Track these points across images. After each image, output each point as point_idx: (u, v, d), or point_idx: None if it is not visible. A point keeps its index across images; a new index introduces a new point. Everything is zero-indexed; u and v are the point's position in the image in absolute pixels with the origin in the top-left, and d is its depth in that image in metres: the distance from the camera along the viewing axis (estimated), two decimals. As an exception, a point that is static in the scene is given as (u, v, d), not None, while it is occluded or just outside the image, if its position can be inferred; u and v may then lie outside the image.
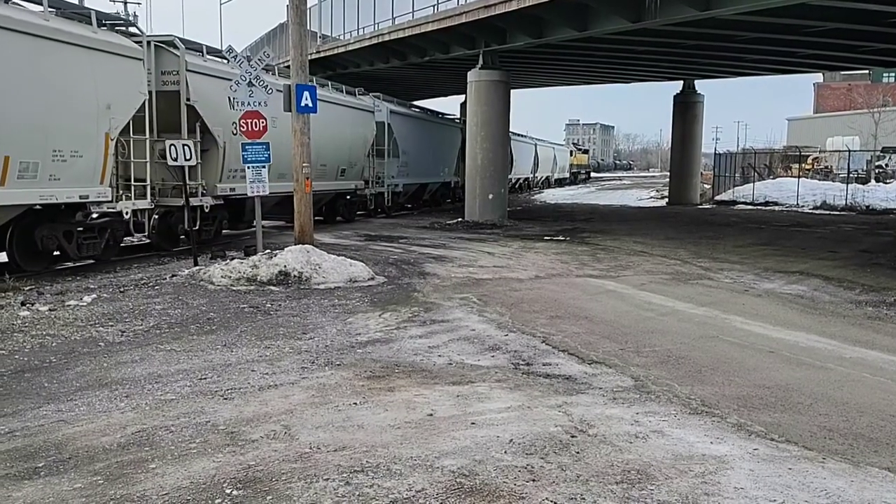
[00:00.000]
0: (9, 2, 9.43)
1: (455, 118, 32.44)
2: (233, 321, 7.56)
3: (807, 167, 36.98)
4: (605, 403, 5.05)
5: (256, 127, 10.85)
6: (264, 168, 10.98)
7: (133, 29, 12.08)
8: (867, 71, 49.92)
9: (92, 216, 11.24)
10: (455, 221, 21.07)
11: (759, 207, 29.47)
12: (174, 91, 12.54)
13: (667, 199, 33.80)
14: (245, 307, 8.28)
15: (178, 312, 7.91)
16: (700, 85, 31.96)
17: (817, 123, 55.16)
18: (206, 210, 13.26)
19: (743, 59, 23.71)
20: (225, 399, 5.01)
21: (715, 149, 48.20)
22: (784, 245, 16.00)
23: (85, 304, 8.14)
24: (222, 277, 9.68)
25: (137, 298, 8.61)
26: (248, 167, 10.93)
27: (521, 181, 44.88)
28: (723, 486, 3.70)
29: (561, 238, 17.06)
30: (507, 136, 22.65)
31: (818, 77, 61.47)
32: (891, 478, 3.90)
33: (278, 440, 4.26)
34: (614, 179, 71.83)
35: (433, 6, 21.26)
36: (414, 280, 10.48)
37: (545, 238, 17.04)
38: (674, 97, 32.23)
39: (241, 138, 11.06)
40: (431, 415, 4.73)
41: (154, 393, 5.13)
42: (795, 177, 32.50)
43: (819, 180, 33.88)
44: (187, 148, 10.98)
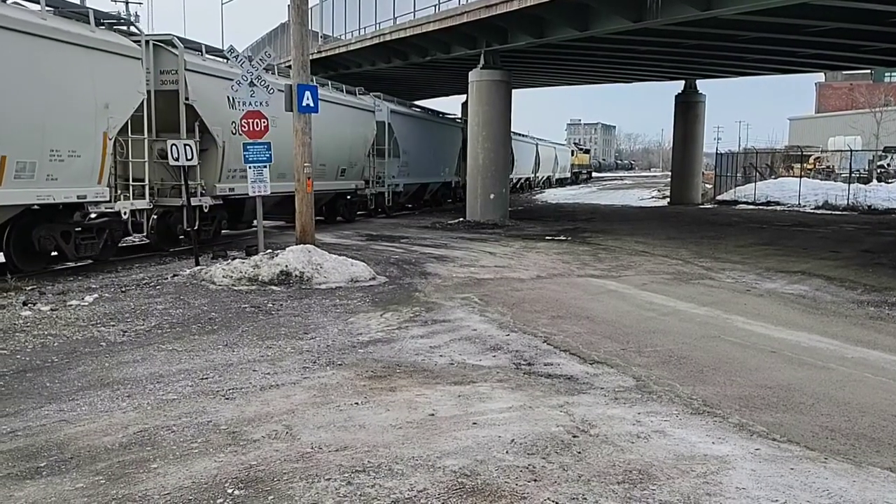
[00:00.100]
0: (6, 1, 9.39)
1: (456, 118, 32.41)
2: (234, 321, 7.56)
3: (808, 167, 36.95)
4: (607, 403, 5.05)
5: (258, 127, 10.85)
6: (266, 168, 10.98)
7: (131, 28, 12.07)
8: (869, 70, 49.90)
9: (90, 216, 11.16)
10: (456, 221, 21.05)
11: (761, 207, 29.46)
12: (173, 90, 12.51)
13: (668, 199, 33.78)
14: (247, 307, 8.28)
15: (180, 312, 7.92)
16: (701, 85, 31.99)
17: (819, 123, 55.08)
18: (205, 210, 13.23)
19: (744, 59, 23.69)
20: (226, 399, 5.02)
21: (716, 148, 48.23)
22: (786, 245, 15.99)
23: (86, 304, 8.14)
24: (224, 277, 9.68)
25: (139, 298, 8.62)
26: (250, 167, 10.94)
27: (523, 181, 44.88)
28: (724, 487, 3.70)
29: (562, 238, 17.06)
30: (509, 136, 22.64)
31: (820, 77, 61.53)
32: (893, 478, 3.90)
33: (280, 440, 4.26)
34: (616, 179, 71.81)
35: (434, 6, 21.26)
36: (415, 280, 10.48)
37: (547, 238, 17.03)
38: (675, 97, 32.21)
39: (241, 138, 11.06)
40: (433, 415, 4.73)
41: (156, 393, 5.13)
42: (797, 177, 32.47)
43: (821, 180, 33.85)
44: (189, 147, 10.98)
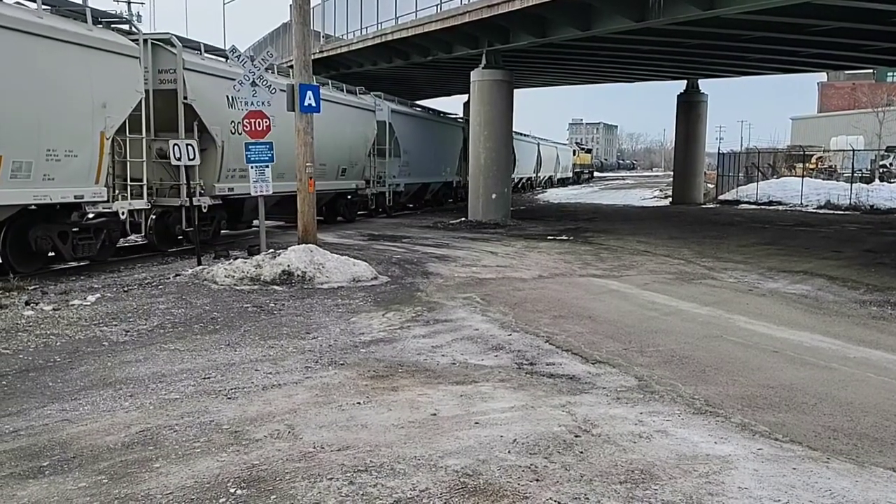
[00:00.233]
0: None
1: (457, 117, 32.40)
2: (236, 321, 7.57)
3: (811, 167, 36.89)
4: (609, 403, 5.05)
5: (260, 126, 10.86)
6: (268, 168, 10.98)
7: (129, 27, 12.04)
8: (871, 70, 49.79)
9: (87, 216, 11.11)
10: (458, 221, 21.04)
11: (763, 207, 29.43)
12: (171, 90, 12.46)
13: (670, 199, 33.75)
14: (249, 307, 8.29)
15: (182, 312, 7.92)
16: (703, 84, 31.96)
17: (821, 123, 55.01)
18: (204, 210, 13.15)
19: (747, 59, 23.67)
20: (229, 398, 5.02)
21: (718, 148, 48.09)
22: (788, 245, 15.97)
23: (89, 304, 8.15)
24: (226, 277, 9.69)
25: (141, 298, 8.62)
26: (252, 167, 10.94)
27: (524, 181, 44.85)
28: (727, 486, 3.70)
29: (564, 238, 17.04)
30: (510, 136, 22.63)
31: (822, 76, 61.43)
32: (895, 478, 3.90)
33: (282, 439, 4.26)
34: (617, 179, 71.79)
35: (436, 6, 21.26)
36: (417, 280, 10.48)
37: (548, 238, 17.02)
38: (677, 96, 32.17)
39: (240, 137, 11.03)
40: (435, 414, 4.73)
41: (158, 392, 5.14)
42: (799, 176, 32.42)
43: (823, 180, 33.80)
44: (191, 147, 10.98)
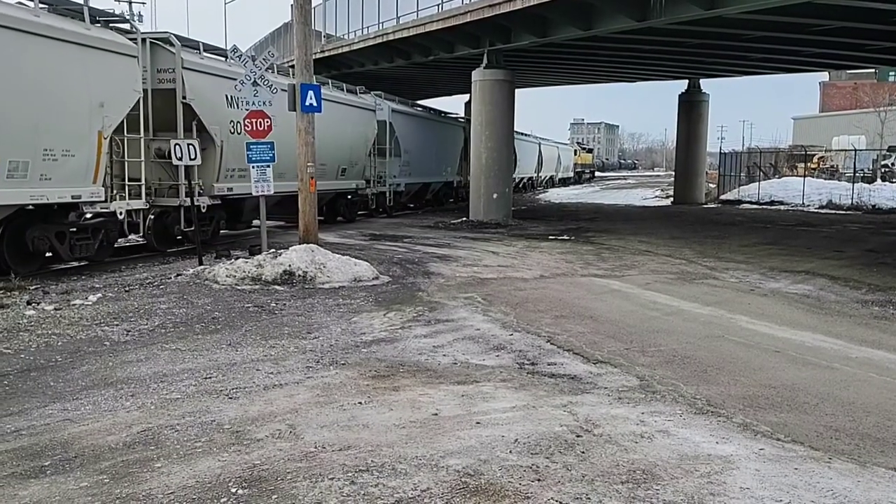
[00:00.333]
0: None
1: (458, 117, 32.40)
2: (238, 320, 7.57)
3: (812, 166, 36.82)
4: (611, 403, 5.04)
5: (261, 126, 10.86)
6: (269, 167, 10.98)
7: (127, 25, 12.01)
8: (873, 70, 49.62)
9: (85, 216, 11.05)
10: (459, 221, 21.03)
11: (765, 207, 29.43)
12: (170, 89, 12.41)
13: (672, 199, 33.73)
14: (250, 306, 8.29)
15: (183, 312, 7.92)
16: (705, 84, 31.93)
17: (823, 122, 54.92)
18: (203, 210, 13.10)
19: (748, 58, 23.65)
20: (230, 398, 5.02)
21: (720, 148, 48.16)
22: (790, 244, 15.96)
23: (90, 304, 8.15)
24: (227, 277, 9.69)
25: (142, 298, 8.62)
26: (253, 166, 10.94)
27: (525, 180, 44.85)
28: (729, 486, 3.69)
29: (565, 237, 17.03)
30: (512, 136, 22.62)
31: (824, 76, 61.25)
32: (898, 478, 3.89)
33: (283, 439, 4.26)
34: (619, 179, 71.76)
35: (438, 5, 21.27)
36: (418, 279, 10.47)
37: (550, 237, 17.01)
38: (679, 96, 32.15)
39: (239, 137, 11.01)
40: (436, 414, 4.73)
41: (159, 392, 5.14)
42: (801, 176, 32.37)
43: (825, 179, 33.79)
44: (192, 147, 10.97)
